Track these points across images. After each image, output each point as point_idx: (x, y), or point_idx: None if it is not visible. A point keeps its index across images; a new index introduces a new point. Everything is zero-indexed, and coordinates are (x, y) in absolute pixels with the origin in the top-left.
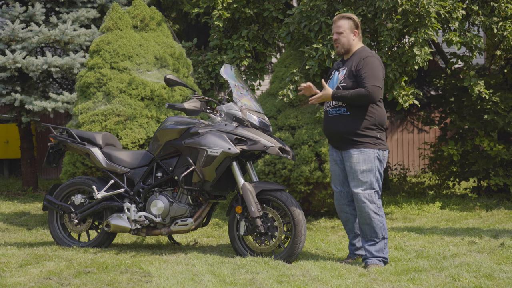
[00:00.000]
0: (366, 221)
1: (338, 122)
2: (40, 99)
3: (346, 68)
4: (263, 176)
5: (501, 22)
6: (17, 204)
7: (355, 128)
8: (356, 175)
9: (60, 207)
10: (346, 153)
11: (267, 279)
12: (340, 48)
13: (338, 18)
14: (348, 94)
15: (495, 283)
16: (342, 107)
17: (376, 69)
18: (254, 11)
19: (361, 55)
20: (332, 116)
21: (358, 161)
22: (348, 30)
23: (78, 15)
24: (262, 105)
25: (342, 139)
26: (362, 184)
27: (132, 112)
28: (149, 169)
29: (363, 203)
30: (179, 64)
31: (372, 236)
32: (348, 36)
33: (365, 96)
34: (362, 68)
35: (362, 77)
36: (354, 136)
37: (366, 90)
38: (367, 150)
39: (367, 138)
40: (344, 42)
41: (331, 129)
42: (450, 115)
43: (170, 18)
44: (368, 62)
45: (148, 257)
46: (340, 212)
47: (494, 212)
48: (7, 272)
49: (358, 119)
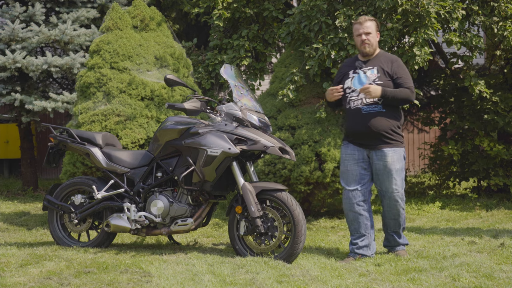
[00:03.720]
0: (394, 217)
1: (373, 119)
2: (40, 99)
3: (375, 68)
4: (263, 176)
5: (501, 22)
6: (17, 204)
7: (390, 126)
8: (391, 174)
9: (60, 207)
10: (378, 152)
11: (267, 279)
12: (369, 48)
13: (364, 19)
14: (396, 93)
15: (495, 283)
16: (378, 104)
17: (408, 71)
18: (254, 11)
19: (389, 57)
20: (366, 113)
21: (393, 160)
22: (375, 31)
23: (78, 15)
24: (262, 105)
25: (377, 137)
26: (396, 183)
27: (132, 112)
28: (149, 169)
29: (396, 202)
30: (179, 64)
31: (396, 228)
32: (375, 37)
33: (409, 96)
34: (398, 70)
35: (401, 78)
36: (389, 134)
37: (411, 91)
38: (399, 149)
39: (398, 137)
40: (373, 42)
41: (364, 126)
42: (450, 115)
43: (170, 18)
44: (402, 64)
45: (148, 257)
46: (348, 211)
47: (494, 212)
48: (7, 272)
49: (392, 117)
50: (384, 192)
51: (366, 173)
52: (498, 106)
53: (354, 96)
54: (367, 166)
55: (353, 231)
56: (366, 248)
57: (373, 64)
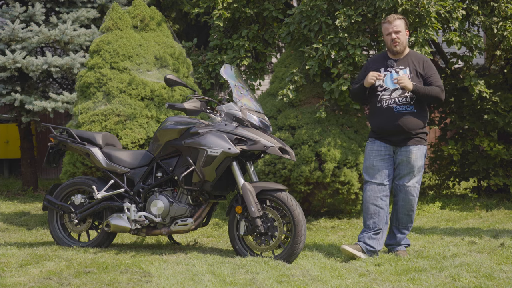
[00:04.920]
0: (408, 212)
1: (405, 119)
2: (40, 99)
3: (407, 68)
4: (263, 176)
5: (501, 22)
6: (17, 204)
7: (420, 125)
8: (413, 170)
9: (60, 207)
10: (404, 148)
11: (267, 279)
12: (399, 47)
13: (393, 18)
14: (427, 91)
15: (495, 283)
16: (410, 104)
17: (437, 71)
18: (254, 11)
19: (420, 57)
20: (399, 112)
21: (417, 157)
22: (404, 29)
23: (78, 15)
24: (262, 105)
25: (407, 135)
26: (416, 179)
27: (132, 112)
28: (149, 169)
29: (412, 197)
30: (179, 64)
31: (408, 224)
32: (405, 35)
33: (440, 94)
34: (429, 69)
35: (431, 77)
36: (418, 133)
37: (441, 90)
38: (423, 147)
39: (424, 135)
40: (403, 41)
41: (396, 125)
42: (450, 115)
43: (170, 18)
44: (431, 64)
45: (148, 257)
46: (371, 204)
47: (494, 212)
48: (7, 272)
49: (422, 117)
50: (401, 186)
51: (391, 169)
52: (498, 106)
53: (386, 95)
54: (392, 162)
55: (371, 224)
56: (376, 241)
57: (405, 64)
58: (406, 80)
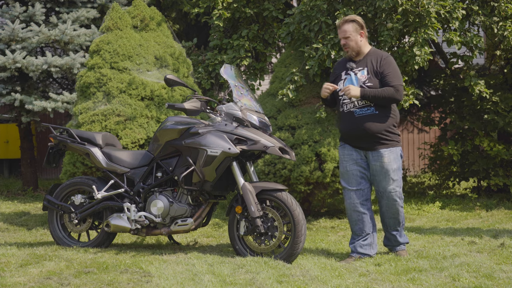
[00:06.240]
0: (393, 216)
1: (367, 122)
2: (40, 99)
3: (365, 69)
4: (263, 176)
5: (501, 22)
6: (17, 204)
7: (385, 127)
8: (388, 174)
9: (60, 207)
10: (375, 153)
11: (267, 279)
12: (350, 52)
13: (342, 23)
14: (378, 93)
15: (495, 283)
16: (371, 106)
17: (397, 69)
18: (254, 11)
19: (379, 54)
20: (359, 116)
21: (390, 160)
22: (354, 33)
23: (78, 15)
24: (262, 105)
25: (372, 139)
26: (394, 182)
27: (132, 112)
28: (149, 169)
29: (395, 201)
30: (179, 64)
31: (396, 226)
32: (355, 38)
33: (394, 95)
34: (385, 67)
35: (387, 76)
36: (384, 135)
37: (395, 89)
38: (395, 149)
39: (394, 136)
40: (353, 46)
41: (359, 129)
42: (450, 115)
43: (170, 18)
44: (390, 62)
45: (148, 257)
46: (352, 211)
47: (494, 212)
48: (7, 272)
49: (386, 118)
50: (382, 193)
51: (366, 172)
52: (498, 106)
53: (346, 100)
54: (366, 165)
55: (357, 231)
56: (368, 247)
57: (363, 64)
58: (352, 88)
